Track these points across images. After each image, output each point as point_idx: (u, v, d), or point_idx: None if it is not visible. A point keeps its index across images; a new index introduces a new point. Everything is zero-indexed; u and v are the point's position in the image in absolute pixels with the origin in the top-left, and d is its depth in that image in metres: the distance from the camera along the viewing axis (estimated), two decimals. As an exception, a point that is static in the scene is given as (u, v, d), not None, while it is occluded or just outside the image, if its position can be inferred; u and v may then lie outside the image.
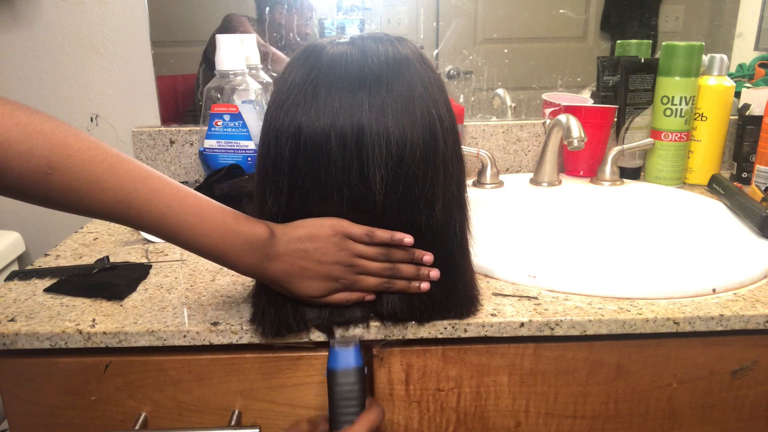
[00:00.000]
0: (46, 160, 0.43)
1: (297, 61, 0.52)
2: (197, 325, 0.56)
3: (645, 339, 0.59)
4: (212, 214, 0.49)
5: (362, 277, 0.53)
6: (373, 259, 0.52)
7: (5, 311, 0.60)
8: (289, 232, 0.51)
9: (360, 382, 0.52)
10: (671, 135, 0.96)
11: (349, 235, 0.51)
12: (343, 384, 0.52)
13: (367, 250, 0.52)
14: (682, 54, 0.92)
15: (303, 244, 0.51)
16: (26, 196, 0.44)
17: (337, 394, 0.52)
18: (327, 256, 0.51)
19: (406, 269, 0.53)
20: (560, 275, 0.63)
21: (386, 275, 0.53)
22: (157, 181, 0.47)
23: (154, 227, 0.47)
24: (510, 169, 1.09)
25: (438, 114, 0.51)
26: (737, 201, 0.81)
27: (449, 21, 1.04)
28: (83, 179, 0.44)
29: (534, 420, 0.62)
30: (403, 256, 0.53)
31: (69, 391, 0.59)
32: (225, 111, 0.88)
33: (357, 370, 0.53)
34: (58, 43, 1.01)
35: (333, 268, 0.51)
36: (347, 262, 0.52)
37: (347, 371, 0.52)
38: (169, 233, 0.48)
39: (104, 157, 0.45)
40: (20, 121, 0.42)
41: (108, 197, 0.45)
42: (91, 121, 1.05)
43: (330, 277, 0.52)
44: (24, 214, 1.09)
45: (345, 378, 0.52)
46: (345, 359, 0.53)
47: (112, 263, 0.70)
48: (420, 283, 0.54)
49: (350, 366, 0.53)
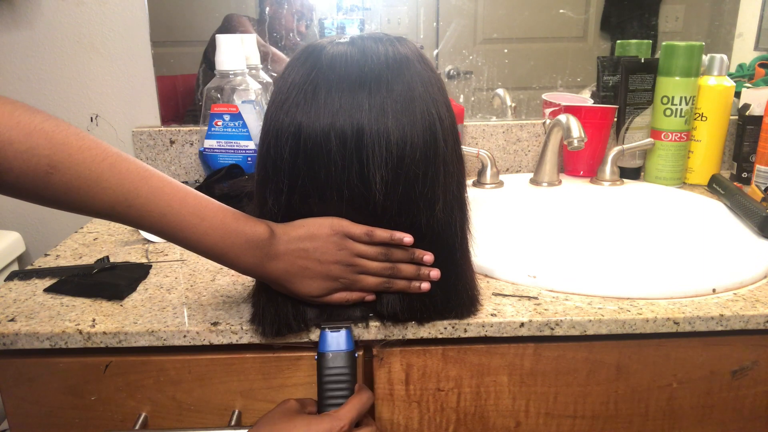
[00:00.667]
0: (46, 159, 0.43)
1: (297, 61, 0.52)
2: (197, 325, 0.56)
3: (645, 339, 0.59)
4: (212, 213, 0.49)
5: (362, 277, 0.53)
6: (373, 258, 0.52)
7: (5, 311, 0.60)
8: (289, 232, 0.51)
9: (350, 366, 0.52)
10: (671, 135, 0.96)
11: (349, 234, 0.51)
12: (333, 367, 0.52)
13: (367, 250, 0.52)
14: (682, 54, 0.92)
15: (303, 243, 0.51)
16: (27, 195, 0.44)
17: (326, 377, 0.52)
18: (327, 256, 0.51)
19: (406, 269, 0.53)
20: (560, 275, 0.63)
21: (386, 275, 0.53)
22: (157, 180, 0.47)
23: (154, 226, 0.48)
24: (510, 169, 1.09)
25: (438, 114, 0.51)
26: (737, 201, 0.81)
27: (449, 21, 1.04)
28: (84, 178, 0.44)
29: (534, 420, 0.62)
30: (403, 255, 0.53)
31: (69, 391, 0.59)
32: (225, 111, 0.88)
33: (347, 354, 0.53)
34: (58, 43, 1.01)
35: (333, 268, 0.51)
36: (347, 262, 0.52)
37: (337, 354, 0.52)
38: (169, 232, 0.48)
39: (105, 156, 0.45)
40: (21, 121, 0.42)
41: (109, 196, 0.45)
42: (91, 121, 1.05)
43: (330, 276, 0.52)
44: (24, 214, 1.09)
45: (335, 362, 0.52)
46: (335, 342, 0.53)
47: (112, 263, 0.70)
48: (420, 282, 0.54)
49: (341, 349, 0.53)
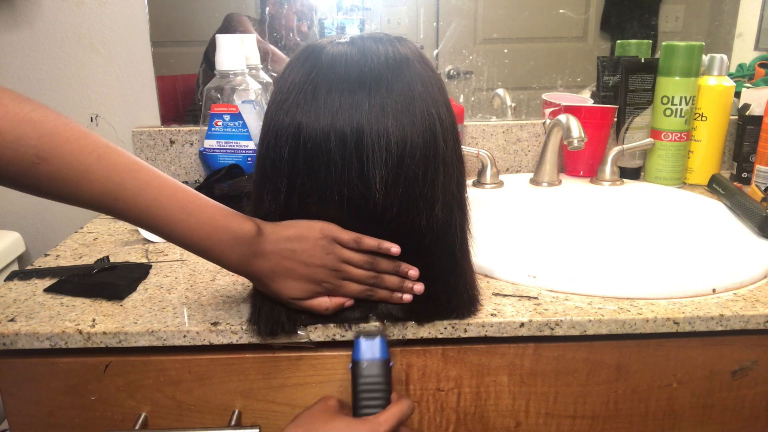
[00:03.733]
0: (34, 149, 0.43)
1: (297, 61, 0.52)
2: (197, 325, 0.56)
3: (645, 339, 0.59)
4: (200, 208, 0.49)
5: (345, 283, 0.53)
6: (359, 266, 0.52)
7: (5, 311, 0.60)
8: (278, 231, 0.51)
9: (384, 375, 0.52)
10: (671, 135, 0.96)
11: (338, 239, 0.51)
12: (367, 376, 0.51)
13: (354, 257, 0.52)
14: (682, 54, 0.92)
15: (291, 244, 0.51)
16: (14, 183, 0.44)
17: (361, 386, 0.51)
18: (313, 258, 0.51)
19: (390, 280, 0.53)
20: (560, 275, 0.63)
21: (369, 283, 0.53)
22: (146, 173, 0.47)
23: (141, 219, 0.47)
24: (510, 169, 1.09)
25: (438, 114, 0.51)
26: (737, 201, 0.81)
27: (449, 21, 1.04)
28: (71, 169, 0.44)
29: (534, 420, 0.62)
30: (389, 266, 0.53)
31: (69, 391, 0.59)
32: (225, 111, 0.88)
33: (382, 362, 0.52)
34: (58, 43, 1.01)
35: (318, 271, 0.51)
36: (333, 266, 0.51)
37: (372, 363, 0.52)
38: (156, 226, 0.48)
39: (93, 147, 0.45)
40: (9, 110, 0.42)
41: (96, 188, 0.45)
42: (91, 121, 1.05)
43: (314, 279, 0.51)
44: (24, 214, 1.09)
45: (369, 370, 0.52)
46: (370, 350, 0.52)
47: (112, 263, 0.70)
48: (402, 294, 0.54)
49: (375, 357, 0.52)
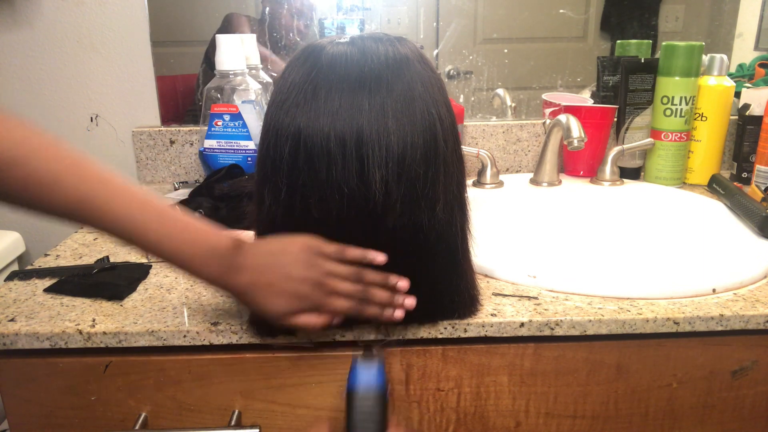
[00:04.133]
0: (5, 154, 0.43)
1: (297, 61, 0.52)
2: (197, 325, 0.56)
3: (645, 339, 0.59)
4: (172, 221, 0.48)
5: (332, 299, 0.50)
6: (345, 279, 0.50)
7: (5, 311, 0.60)
8: (258, 245, 0.50)
9: (381, 405, 0.50)
10: (671, 135, 0.96)
11: (321, 252, 0.49)
12: (363, 407, 0.50)
13: (339, 269, 0.49)
14: (682, 54, 0.92)
15: (271, 257, 0.49)
16: None
17: (357, 415, 0.50)
18: (295, 272, 0.48)
19: (379, 294, 0.51)
20: (560, 275, 0.63)
21: (357, 297, 0.50)
22: (117, 184, 0.46)
23: (113, 229, 0.47)
24: (510, 169, 1.09)
25: (438, 114, 0.50)
26: (737, 201, 0.81)
27: (449, 21, 1.04)
28: (41, 177, 0.44)
29: (534, 420, 0.62)
30: (377, 278, 0.50)
31: (69, 391, 0.59)
32: (225, 111, 0.88)
33: (379, 393, 0.50)
34: (58, 43, 1.01)
35: (301, 286, 0.49)
36: (316, 280, 0.49)
37: (368, 394, 0.50)
38: (127, 237, 0.47)
39: (65, 156, 0.45)
40: None
41: (66, 196, 0.45)
42: (91, 121, 1.05)
43: (296, 294, 0.49)
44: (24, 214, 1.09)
45: (365, 401, 0.50)
46: (366, 378, 0.50)
47: (112, 263, 0.70)
48: (393, 310, 0.51)
49: (372, 388, 0.50)
